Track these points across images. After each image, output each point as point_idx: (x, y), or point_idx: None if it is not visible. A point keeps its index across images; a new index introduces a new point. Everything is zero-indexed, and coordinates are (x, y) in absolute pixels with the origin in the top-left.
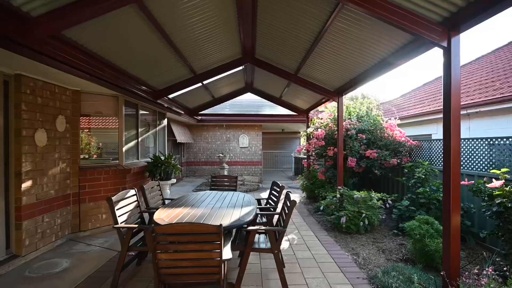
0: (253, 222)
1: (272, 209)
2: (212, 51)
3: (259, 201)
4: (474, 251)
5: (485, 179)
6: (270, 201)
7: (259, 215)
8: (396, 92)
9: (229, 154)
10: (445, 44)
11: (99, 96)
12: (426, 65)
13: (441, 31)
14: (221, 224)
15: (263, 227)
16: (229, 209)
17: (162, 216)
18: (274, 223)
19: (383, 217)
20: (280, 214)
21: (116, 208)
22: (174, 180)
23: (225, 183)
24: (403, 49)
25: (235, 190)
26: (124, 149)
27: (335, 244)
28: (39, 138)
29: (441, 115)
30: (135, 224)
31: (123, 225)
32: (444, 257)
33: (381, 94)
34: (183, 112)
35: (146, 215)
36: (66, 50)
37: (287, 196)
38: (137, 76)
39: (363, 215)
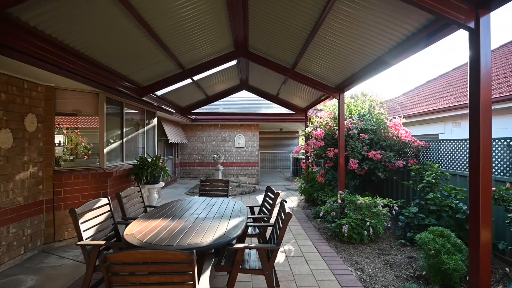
0: (244, 234)
1: (265, 219)
2: (201, 43)
3: (252, 208)
4: (493, 265)
5: (507, 185)
6: (264, 208)
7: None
8: (395, 91)
9: (225, 155)
10: (472, 25)
11: (77, 93)
12: (426, 64)
13: (468, 9)
14: (193, 251)
15: (253, 245)
16: (216, 220)
17: (135, 231)
18: (268, 235)
19: (388, 224)
20: (273, 226)
21: (81, 221)
22: (162, 184)
23: (216, 188)
24: (417, 35)
25: (226, 195)
26: (105, 150)
27: (337, 257)
28: (3, 139)
29: (449, 114)
30: (106, 238)
31: (88, 241)
32: (471, 280)
33: (381, 93)
34: (174, 111)
35: (124, 227)
36: (24, 37)
37: (282, 206)
38: (117, 70)
39: (368, 223)
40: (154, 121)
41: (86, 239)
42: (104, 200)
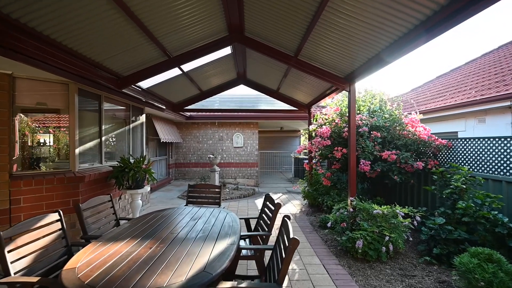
0: (236, 258)
1: (264, 237)
2: (188, 24)
3: (248, 221)
4: None
5: None
6: (262, 221)
7: (245, 243)
8: (396, 90)
9: (222, 155)
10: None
11: (42, 83)
12: (426, 64)
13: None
14: None
15: (244, 285)
16: (198, 243)
17: (81, 263)
18: (267, 257)
19: (409, 238)
20: (273, 249)
21: (10, 248)
22: (147, 189)
23: (206, 195)
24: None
25: (218, 204)
26: (77, 151)
27: (351, 280)
28: None
29: (472, 109)
30: (53, 267)
31: (15, 277)
32: None
33: (384, 90)
34: (164, 107)
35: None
36: None
37: (285, 225)
38: (87, 55)
39: (386, 238)
40: (142, 118)
41: (18, 271)
42: (53, 216)
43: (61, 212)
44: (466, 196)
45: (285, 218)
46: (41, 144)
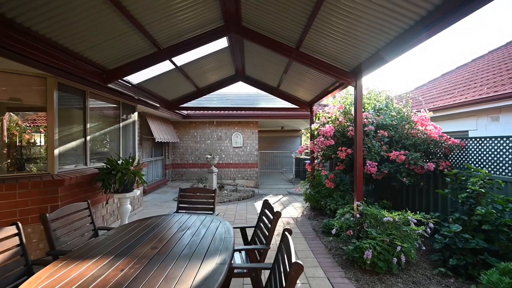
0: (227, 279)
1: (261, 251)
2: (177, 11)
3: (244, 231)
4: None
5: None
6: (258, 231)
7: (240, 256)
8: (399, 89)
9: (221, 155)
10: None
11: (14, 76)
12: (425, 63)
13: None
14: None
15: None
16: (180, 263)
17: None
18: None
19: (422, 247)
20: (272, 269)
21: None
22: (137, 192)
23: (198, 201)
24: None
25: (212, 210)
26: (57, 151)
27: None
28: None
29: (484, 106)
30: None
31: None
32: None
33: (386, 89)
34: (158, 105)
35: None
36: None
37: (286, 243)
38: (61, 44)
39: (398, 248)
40: (134, 116)
41: None
42: (9, 230)
43: (19, 224)
44: (484, 201)
45: (286, 233)
46: (18, 144)
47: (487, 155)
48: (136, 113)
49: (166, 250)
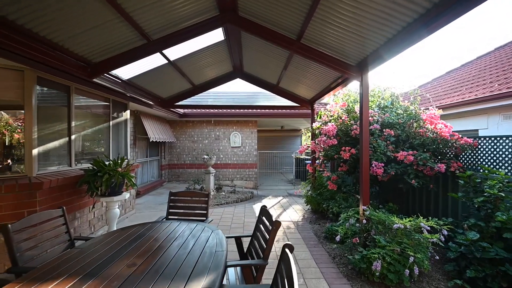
0: None
1: (258, 267)
2: None
3: (239, 241)
4: None
5: None
6: (255, 242)
7: (234, 271)
8: (400, 88)
9: (219, 155)
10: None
11: None
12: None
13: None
14: None
15: None
16: (160, 285)
17: None
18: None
19: (435, 256)
20: None
21: None
22: (126, 195)
23: (190, 206)
24: None
25: (205, 216)
26: (36, 151)
27: None
28: None
29: (497, 103)
30: None
31: None
32: None
33: (389, 87)
34: (152, 103)
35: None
36: None
37: (285, 260)
38: (37, 32)
39: (411, 259)
40: (126, 114)
41: None
42: None
43: None
44: (502, 205)
45: (286, 250)
46: None
47: (503, 156)
48: (128, 111)
49: (145, 269)
